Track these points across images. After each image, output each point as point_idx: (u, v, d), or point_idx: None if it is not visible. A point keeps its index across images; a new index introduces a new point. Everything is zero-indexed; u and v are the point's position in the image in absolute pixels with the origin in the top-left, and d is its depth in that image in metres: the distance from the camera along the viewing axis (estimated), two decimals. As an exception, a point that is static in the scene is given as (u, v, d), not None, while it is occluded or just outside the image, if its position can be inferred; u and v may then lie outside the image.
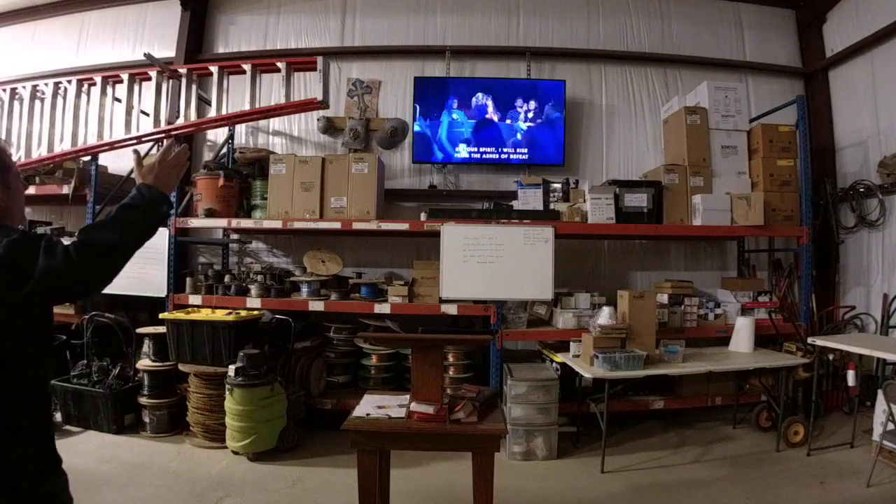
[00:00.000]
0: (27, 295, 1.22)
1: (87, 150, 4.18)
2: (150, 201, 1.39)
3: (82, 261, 1.23)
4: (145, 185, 1.42)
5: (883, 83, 4.65)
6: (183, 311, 3.99)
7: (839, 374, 4.19)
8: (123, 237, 1.30)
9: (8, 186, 1.43)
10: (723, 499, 3.02)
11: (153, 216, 1.40)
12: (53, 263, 1.21)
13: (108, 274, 1.30)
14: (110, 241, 1.28)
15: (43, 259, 1.22)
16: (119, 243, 1.29)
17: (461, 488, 2.90)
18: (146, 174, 1.45)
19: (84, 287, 1.30)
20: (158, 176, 1.45)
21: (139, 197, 1.39)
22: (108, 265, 1.29)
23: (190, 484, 3.10)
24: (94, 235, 1.28)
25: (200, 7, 5.35)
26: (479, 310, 3.99)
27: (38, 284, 1.21)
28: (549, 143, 4.98)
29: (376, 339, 4.18)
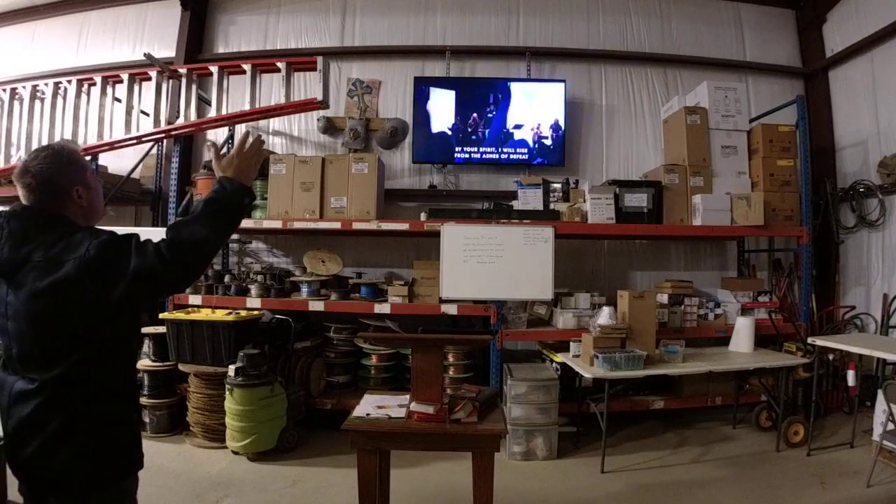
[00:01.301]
0: (122, 294, 1.25)
1: (87, 150, 4.18)
2: (233, 193, 1.41)
3: (174, 257, 1.26)
4: (226, 177, 1.44)
5: (883, 83, 4.65)
6: (183, 311, 3.99)
7: (839, 374, 4.19)
8: (211, 231, 1.33)
9: (88, 186, 1.45)
10: (723, 499, 3.02)
11: (237, 208, 1.42)
12: (146, 262, 1.24)
13: (199, 268, 1.35)
14: (199, 235, 1.31)
15: (135, 258, 1.24)
16: (207, 237, 1.32)
17: (461, 488, 2.90)
18: (226, 167, 1.46)
19: (178, 283, 1.33)
20: (238, 167, 1.47)
21: (222, 190, 1.40)
22: (199, 260, 1.33)
23: (190, 484, 3.10)
24: (183, 232, 1.30)
25: (200, 7, 5.34)
26: (479, 310, 3.98)
27: (133, 283, 1.24)
28: (549, 142, 4.98)
29: (376, 339, 4.18)
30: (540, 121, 4.98)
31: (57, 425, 1.25)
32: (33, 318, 1.26)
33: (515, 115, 4.98)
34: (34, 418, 1.25)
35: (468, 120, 4.97)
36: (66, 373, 1.26)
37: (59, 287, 1.23)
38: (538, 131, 4.99)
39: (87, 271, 1.24)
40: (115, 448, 1.35)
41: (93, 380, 1.30)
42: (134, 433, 1.43)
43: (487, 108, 4.98)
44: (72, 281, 1.23)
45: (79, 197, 1.40)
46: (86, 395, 1.29)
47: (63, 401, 1.26)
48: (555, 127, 4.98)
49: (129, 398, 1.42)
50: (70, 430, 1.26)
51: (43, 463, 1.25)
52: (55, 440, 1.25)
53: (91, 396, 1.29)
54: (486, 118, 4.98)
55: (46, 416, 1.25)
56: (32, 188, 1.36)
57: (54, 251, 1.27)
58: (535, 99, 4.98)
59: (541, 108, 4.98)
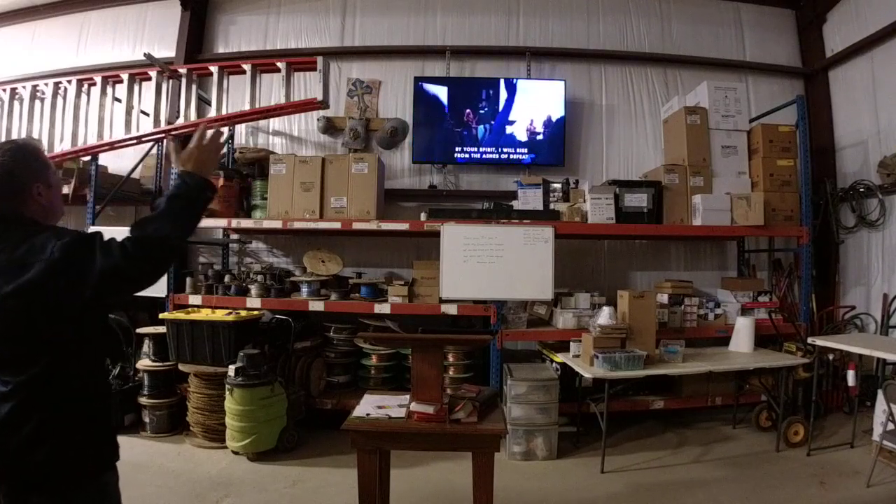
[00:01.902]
0: (91, 294, 1.25)
1: (87, 150, 4.18)
2: (195, 188, 1.41)
3: (139, 255, 1.26)
4: (187, 172, 1.43)
5: (883, 83, 4.65)
6: (183, 311, 3.99)
7: (839, 374, 4.19)
8: (175, 227, 1.34)
9: (50, 185, 1.44)
10: (723, 499, 3.02)
11: (200, 202, 1.42)
12: (112, 261, 1.24)
13: (165, 265, 1.34)
14: (163, 232, 1.31)
15: (101, 258, 1.24)
16: (171, 233, 1.32)
17: (461, 488, 2.90)
18: (185, 161, 1.46)
19: (145, 280, 1.32)
20: (198, 161, 1.46)
21: (184, 186, 1.40)
22: (165, 256, 1.33)
23: (190, 484, 3.10)
24: (147, 229, 1.30)
25: (200, 7, 5.35)
26: (479, 310, 3.98)
27: (101, 283, 1.24)
28: (549, 142, 4.98)
29: (376, 339, 4.18)
30: (540, 121, 4.98)
31: (33, 426, 1.25)
32: (2, 322, 1.25)
33: (515, 115, 4.98)
34: (10, 420, 1.24)
35: (468, 120, 4.97)
36: (39, 374, 1.26)
37: (25, 290, 1.22)
38: (538, 131, 4.98)
39: (53, 273, 1.23)
40: (90, 446, 1.35)
41: (64, 380, 1.29)
42: (108, 430, 1.44)
43: (487, 108, 4.98)
44: (38, 283, 1.22)
45: (38, 194, 1.40)
46: (58, 395, 1.29)
47: (37, 402, 1.26)
48: (555, 127, 4.98)
49: (101, 396, 1.42)
50: (46, 430, 1.26)
51: (22, 463, 1.25)
52: (32, 441, 1.25)
53: (64, 396, 1.29)
54: (486, 118, 4.98)
55: (22, 417, 1.25)
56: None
57: (18, 253, 1.26)
58: (536, 99, 4.98)
59: (541, 108, 4.98)
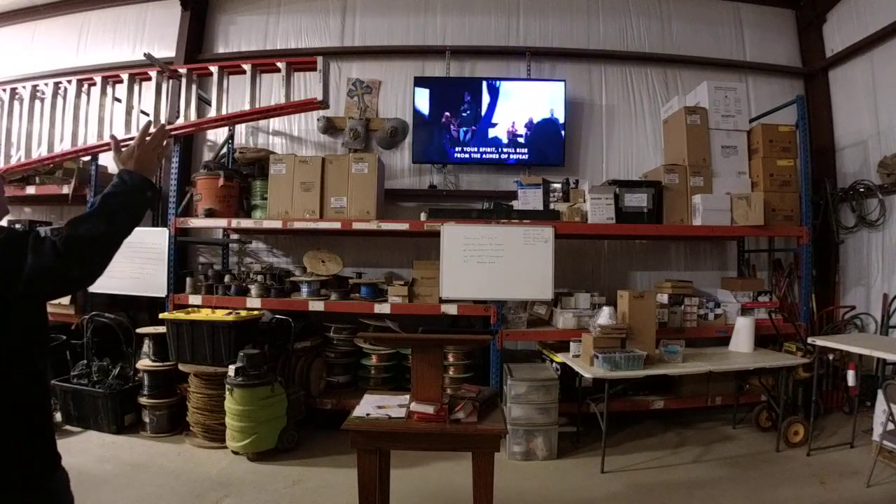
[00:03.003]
0: (20, 294, 1.21)
1: (87, 150, 4.18)
2: (133, 188, 1.37)
3: (71, 255, 1.22)
4: (126, 171, 1.40)
5: (883, 83, 4.65)
6: (183, 311, 3.99)
7: (839, 374, 4.19)
8: (110, 227, 1.29)
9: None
10: (723, 499, 3.02)
11: (138, 202, 1.38)
12: (43, 260, 1.20)
13: (98, 266, 1.29)
14: (97, 232, 1.27)
15: (32, 257, 1.20)
16: (105, 233, 1.28)
17: (461, 488, 2.90)
18: (126, 159, 1.43)
19: (75, 281, 1.28)
20: (139, 160, 1.43)
21: (122, 184, 1.36)
22: (98, 257, 1.28)
23: (190, 484, 3.10)
24: (80, 228, 1.26)
25: (200, 7, 5.35)
26: (479, 310, 3.99)
27: (30, 282, 1.20)
28: (549, 143, 4.98)
29: (376, 339, 4.18)
30: (540, 121, 4.97)
31: None
32: None
33: (516, 115, 4.98)
34: None
35: (468, 120, 4.97)
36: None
37: None
38: (538, 131, 4.98)
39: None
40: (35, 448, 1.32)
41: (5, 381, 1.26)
42: (48, 431, 1.39)
43: (487, 108, 4.98)
44: None
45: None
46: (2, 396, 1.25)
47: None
48: (555, 127, 4.98)
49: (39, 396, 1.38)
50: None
51: None
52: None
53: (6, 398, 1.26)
54: (486, 118, 4.98)
55: None
56: None
57: None
58: (536, 99, 4.98)
59: (541, 108, 4.98)
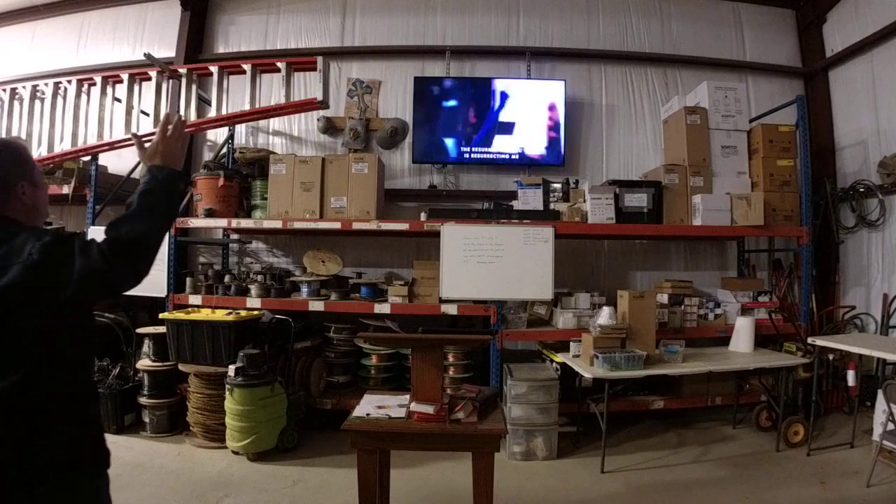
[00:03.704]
0: (69, 297, 1.22)
1: (87, 150, 4.18)
2: (165, 181, 1.39)
3: (117, 256, 1.23)
4: (155, 166, 1.41)
5: (883, 83, 4.65)
6: (183, 311, 3.99)
7: (839, 374, 4.18)
8: (150, 225, 1.31)
9: (35, 184, 1.42)
10: (723, 499, 3.02)
11: (173, 195, 1.40)
12: (90, 263, 1.21)
13: (144, 264, 1.30)
14: (139, 231, 1.28)
15: (80, 260, 1.21)
16: (148, 232, 1.30)
17: (461, 488, 2.90)
18: (152, 155, 1.44)
19: (125, 281, 1.30)
20: (165, 153, 1.44)
21: (154, 180, 1.38)
22: (143, 255, 1.30)
23: (190, 484, 3.10)
24: (122, 229, 1.27)
25: (200, 7, 5.35)
26: (479, 310, 3.98)
27: (79, 286, 1.21)
28: (548, 142, 4.98)
29: (376, 339, 4.17)
30: (540, 121, 4.98)
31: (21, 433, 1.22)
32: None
33: (515, 114, 4.98)
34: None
35: (468, 120, 4.97)
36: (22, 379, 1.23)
37: (6, 293, 1.20)
38: (538, 131, 4.98)
39: (32, 276, 1.20)
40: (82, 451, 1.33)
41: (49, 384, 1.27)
42: (98, 434, 1.42)
43: (487, 108, 4.98)
44: (17, 286, 1.20)
45: (23, 193, 1.37)
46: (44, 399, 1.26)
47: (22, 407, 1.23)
48: (555, 127, 4.98)
49: (89, 398, 1.40)
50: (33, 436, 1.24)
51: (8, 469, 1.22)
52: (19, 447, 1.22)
53: (50, 401, 1.27)
54: (486, 118, 4.98)
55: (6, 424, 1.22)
56: None
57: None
58: (536, 99, 4.98)
59: (541, 107, 4.98)
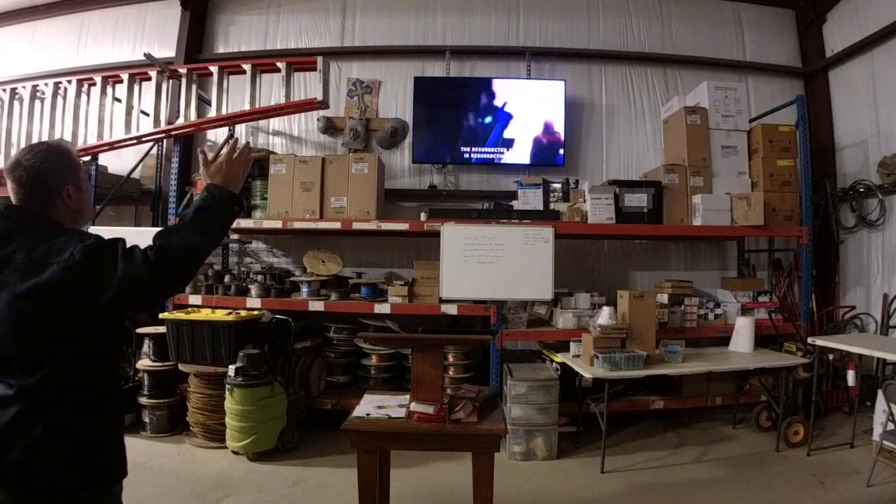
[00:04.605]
0: (108, 301, 1.22)
1: (87, 150, 4.18)
2: (222, 201, 1.41)
3: (161, 265, 1.24)
4: (215, 185, 1.43)
5: (883, 83, 4.65)
6: (183, 311, 3.99)
7: (839, 374, 4.19)
8: (200, 239, 1.32)
9: (80, 188, 1.42)
10: (723, 499, 3.02)
11: (226, 216, 1.42)
12: (133, 270, 1.21)
13: (187, 275, 1.32)
14: (188, 244, 1.29)
15: (122, 265, 1.21)
16: (196, 246, 1.31)
17: (461, 488, 2.90)
18: (214, 174, 1.46)
19: (166, 291, 1.31)
20: (227, 175, 1.47)
21: (211, 198, 1.40)
22: (188, 268, 1.31)
23: (190, 484, 3.10)
24: (172, 239, 1.28)
25: (200, 7, 5.35)
26: (479, 310, 3.98)
27: (119, 291, 1.21)
28: (548, 142, 4.98)
29: (376, 339, 4.17)
30: (540, 121, 4.98)
31: (40, 433, 1.21)
32: (13, 322, 1.22)
33: (515, 115, 4.97)
34: (14, 426, 1.20)
35: (468, 120, 4.97)
36: (48, 379, 1.22)
37: (41, 291, 1.20)
38: (538, 131, 4.98)
39: (72, 276, 1.20)
40: (101, 456, 1.32)
41: (76, 386, 1.27)
42: (120, 439, 1.40)
43: (487, 108, 4.98)
44: (55, 285, 1.20)
45: (69, 197, 1.38)
46: (69, 401, 1.25)
47: (45, 407, 1.23)
48: (555, 127, 4.98)
49: (114, 404, 1.39)
50: (54, 437, 1.23)
51: (26, 471, 1.21)
52: (38, 448, 1.21)
53: (75, 403, 1.26)
54: (486, 118, 4.98)
55: (27, 423, 1.21)
56: (23, 182, 1.33)
57: (37, 253, 1.23)
58: (536, 99, 4.98)
59: (541, 107, 4.97)
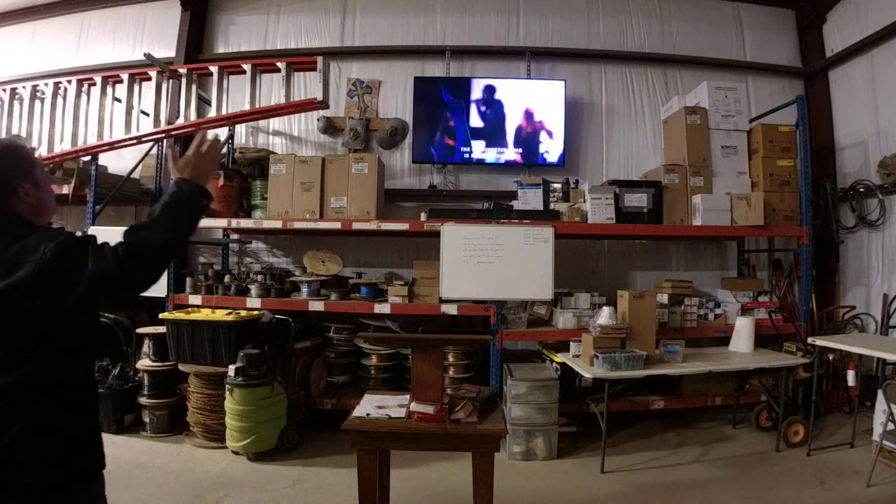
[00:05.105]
0: (79, 299, 1.22)
1: (87, 150, 4.18)
2: (191, 195, 1.40)
3: (131, 261, 1.24)
4: (184, 180, 1.42)
5: (883, 83, 4.65)
6: (183, 311, 3.99)
7: (839, 374, 4.19)
8: (170, 234, 1.32)
9: (37, 184, 1.41)
10: (723, 499, 3.02)
11: (195, 210, 1.41)
12: (104, 266, 1.22)
13: (156, 272, 1.31)
14: (157, 240, 1.29)
15: (93, 263, 1.22)
16: (167, 241, 1.31)
17: (461, 488, 2.90)
18: (183, 168, 1.45)
19: (134, 287, 1.30)
20: (196, 169, 1.46)
21: (180, 192, 1.39)
22: (158, 263, 1.31)
23: (190, 484, 3.10)
24: (141, 236, 1.28)
25: (200, 7, 5.35)
26: (479, 310, 3.98)
27: (90, 287, 1.22)
28: (548, 142, 4.98)
29: (376, 339, 4.17)
30: (540, 121, 4.98)
31: (18, 430, 1.22)
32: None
33: (515, 115, 4.97)
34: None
35: (468, 120, 4.97)
36: (25, 377, 1.23)
37: (14, 290, 1.20)
38: (538, 131, 4.98)
39: (44, 274, 1.21)
40: (79, 451, 1.33)
41: (52, 383, 1.27)
42: (96, 434, 1.41)
43: (487, 108, 4.98)
44: (28, 284, 1.20)
45: (26, 195, 1.38)
46: (45, 398, 1.26)
47: (23, 405, 1.23)
48: (555, 127, 4.98)
49: (89, 400, 1.40)
50: (34, 436, 1.23)
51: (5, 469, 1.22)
52: (17, 446, 1.22)
53: (51, 399, 1.27)
54: (486, 118, 4.98)
55: (5, 421, 1.22)
56: None
57: (9, 253, 1.24)
58: (536, 99, 4.98)
59: (541, 108, 4.97)
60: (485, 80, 5.04)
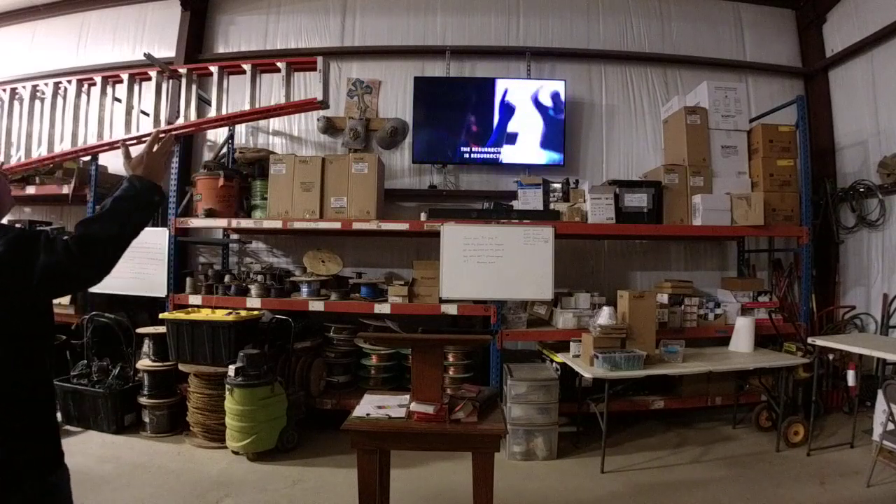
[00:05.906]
0: (32, 292, 1.25)
1: (87, 150, 4.18)
2: (143, 191, 1.45)
3: (82, 254, 1.27)
4: (136, 176, 1.47)
5: (883, 83, 4.65)
6: (183, 311, 3.99)
7: (839, 374, 4.19)
8: (120, 228, 1.35)
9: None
10: (723, 499, 3.02)
11: (146, 206, 1.45)
12: (54, 259, 1.24)
13: (107, 266, 1.34)
14: (108, 233, 1.32)
15: (44, 255, 1.24)
16: (116, 235, 1.34)
17: (461, 488, 2.90)
18: (136, 165, 1.51)
19: (85, 280, 1.33)
20: (148, 166, 1.51)
21: (132, 188, 1.44)
22: (107, 256, 1.33)
23: (190, 484, 3.10)
24: (92, 229, 1.31)
25: (200, 7, 5.35)
26: (479, 310, 3.98)
27: (41, 281, 1.24)
28: (548, 143, 4.98)
29: (376, 339, 4.18)
30: (540, 121, 4.98)
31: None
32: None
33: (515, 114, 4.97)
34: None
35: (468, 120, 4.97)
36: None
37: None
38: (538, 131, 4.98)
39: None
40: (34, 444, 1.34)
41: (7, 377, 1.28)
42: (53, 427, 1.43)
43: (487, 109, 4.97)
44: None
45: None
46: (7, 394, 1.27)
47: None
48: (555, 127, 4.98)
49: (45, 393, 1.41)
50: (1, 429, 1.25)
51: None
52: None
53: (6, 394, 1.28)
54: (486, 118, 4.97)
55: None
56: None
57: None
58: (536, 99, 4.98)
59: (541, 108, 4.97)
60: (484, 80, 5.03)
